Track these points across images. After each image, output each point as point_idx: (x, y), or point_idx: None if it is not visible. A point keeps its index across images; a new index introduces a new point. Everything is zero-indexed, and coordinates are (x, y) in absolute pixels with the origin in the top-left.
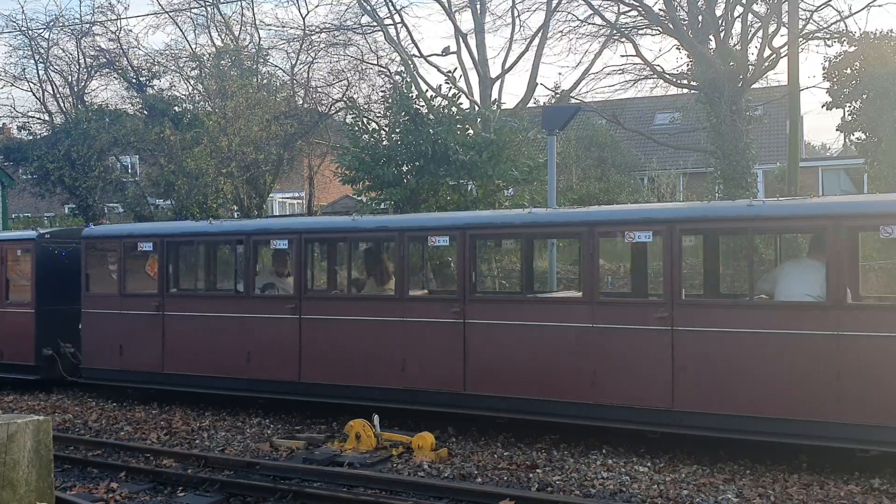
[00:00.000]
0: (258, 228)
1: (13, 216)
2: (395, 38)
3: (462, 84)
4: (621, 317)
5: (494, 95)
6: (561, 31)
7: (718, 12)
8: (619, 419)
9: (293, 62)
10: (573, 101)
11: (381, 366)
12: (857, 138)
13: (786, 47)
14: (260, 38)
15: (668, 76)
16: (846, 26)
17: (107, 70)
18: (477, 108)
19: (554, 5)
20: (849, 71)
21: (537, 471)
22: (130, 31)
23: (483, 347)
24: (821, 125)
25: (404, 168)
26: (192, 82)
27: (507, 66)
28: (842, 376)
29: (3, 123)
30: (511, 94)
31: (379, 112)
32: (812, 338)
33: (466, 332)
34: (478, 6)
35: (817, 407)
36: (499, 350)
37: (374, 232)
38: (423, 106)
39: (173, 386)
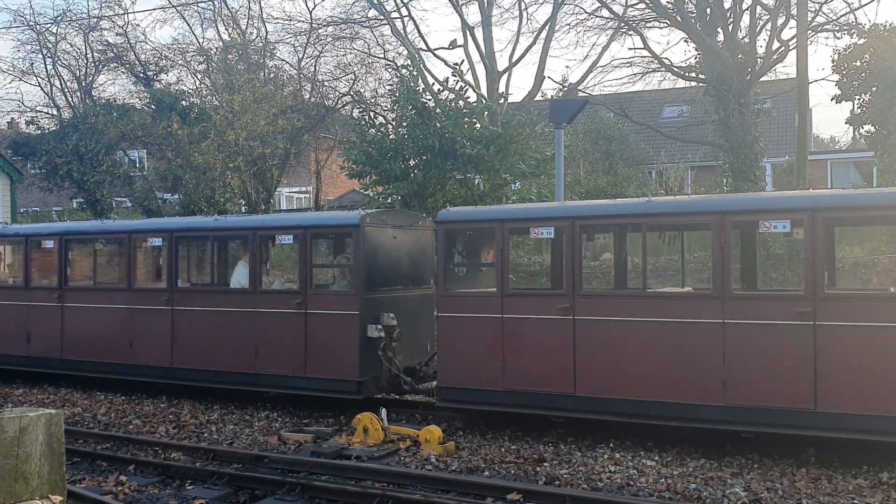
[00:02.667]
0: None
1: (22, 210)
2: (402, 31)
3: (469, 77)
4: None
5: (502, 89)
6: (568, 24)
7: (727, 5)
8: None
9: (300, 56)
10: (581, 94)
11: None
12: (866, 131)
13: (794, 40)
14: (267, 32)
15: (676, 69)
16: (855, 18)
17: (114, 64)
18: (484, 101)
19: None
20: (858, 63)
21: (545, 464)
22: (138, 25)
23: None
24: (830, 118)
25: (411, 162)
26: (199, 76)
27: (514, 59)
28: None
29: (12, 118)
30: (518, 87)
31: (386, 106)
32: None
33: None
34: None
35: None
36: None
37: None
38: (430, 100)
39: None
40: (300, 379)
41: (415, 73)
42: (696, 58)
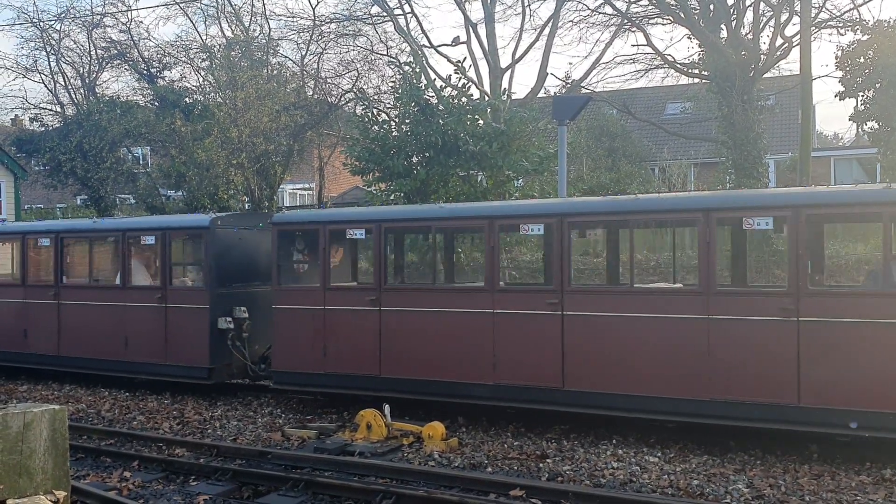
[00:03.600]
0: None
1: (26, 207)
2: (405, 28)
3: (472, 74)
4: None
5: (504, 85)
6: (571, 21)
7: (730, 1)
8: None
9: (303, 53)
10: (584, 90)
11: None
12: (869, 128)
13: (798, 36)
14: (270, 29)
15: (679, 66)
16: (859, 14)
17: (118, 61)
18: (487, 98)
19: None
20: (862, 60)
21: (547, 461)
22: (141, 22)
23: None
24: (833, 115)
25: (414, 159)
26: (202, 73)
27: (517, 55)
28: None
29: (16, 115)
30: (521, 84)
31: (389, 103)
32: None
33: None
34: None
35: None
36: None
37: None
38: (432, 96)
39: None
40: (161, 366)
41: (418, 69)
42: (699, 54)
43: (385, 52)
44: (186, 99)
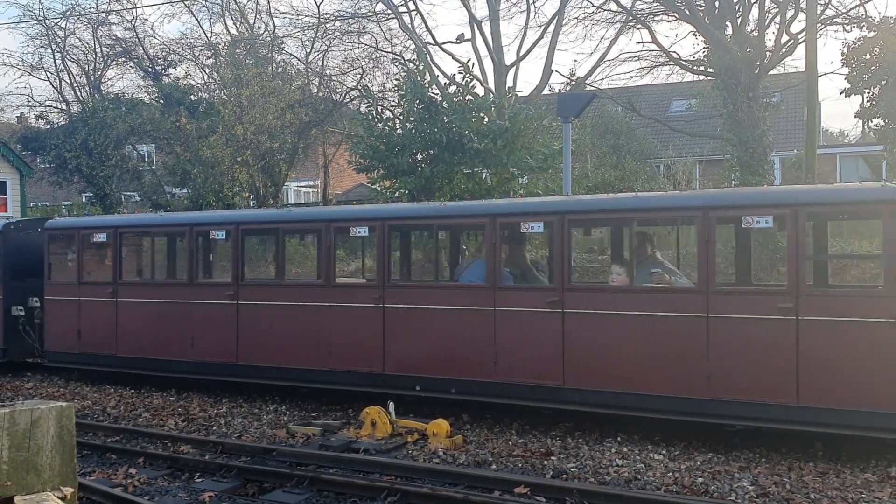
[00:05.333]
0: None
1: (31, 205)
2: (410, 25)
3: (476, 71)
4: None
5: (509, 83)
6: (576, 18)
7: None
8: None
9: (308, 50)
10: (588, 88)
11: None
12: (875, 125)
13: (803, 33)
14: (275, 27)
15: (684, 63)
16: (865, 11)
17: (123, 59)
18: (492, 95)
19: None
20: (868, 56)
21: (552, 458)
22: (146, 19)
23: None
24: (839, 112)
25: (419, 156)
26: (207, 71)
27: (521, 53)
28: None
29: (21, 113)
30: (526, 81)
31: (393, 100)
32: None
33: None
34: None
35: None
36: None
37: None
38: (437, 94)
39: None
40: None
41: (422, 67)
42: (704, 51)
43: (389, 50)
44: (191, 96)
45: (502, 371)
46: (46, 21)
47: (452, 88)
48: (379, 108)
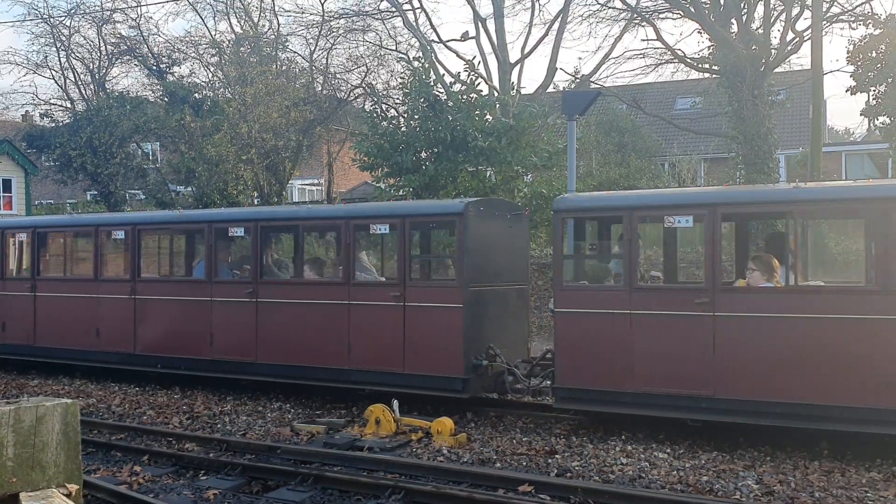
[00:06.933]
0: None
1: (36, 203)
2: (414, 23)
3: (481, 69)
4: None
5: (514, 81)
6: (581, 15)
7: None
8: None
9: (312, 48)
10: (593, 85)
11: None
12: (881, 123)
13: (809, 30)
14: (279, 25)
15: (689, 60)
16: (871, 8)
17: (127, 57)
18: (496, 93)
19: None
20: (874, 54)
21: (556, 456)
22: (150, 18)
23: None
24: (844, 109)
25: (423, 154)
26: (211, 69)
27: (526, 50)
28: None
29: (27, 111)
30: (530, 79)
31: (397, 98)
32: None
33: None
34: None
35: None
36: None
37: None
38: (441, 92)
39: None
40: None
41: (427, 65)
42: (709, 49)
43: (394, 48)
44: (196, 95)
45: (217, 350)
46: (51, 19)
47: (457, 86)
48: (383, 106)
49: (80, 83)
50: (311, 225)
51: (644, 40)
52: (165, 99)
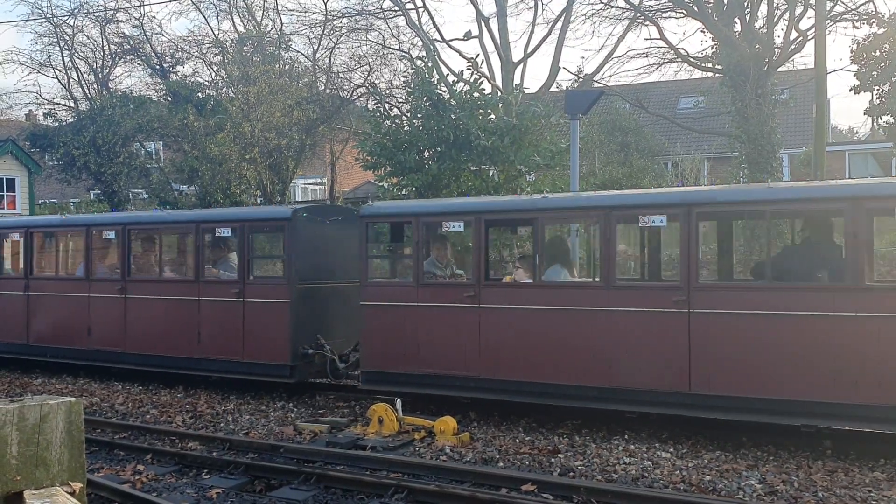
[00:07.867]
0: None
1: (40, 202)
2: (417, 22)
3: (484, 68)
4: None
5: (517, 80)
6: (584, 14)
7: None
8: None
9: (315, 48)
10: (596, 85)
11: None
12: (885, 122)
13: (813, 29)
14: (282, 24)
15: (692, 59)
16: (875, 7)
17: (131, 57)
18: (499, 92)
19: None
20: (877, 53)
21: (559, 456)
22: (154, 17)
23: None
24: (848, 108)
25: (426, 154)
26: (214, 68)
27: (529, 49)
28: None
29: (30, 110)
30: (533, 78)
31: (401, 97)
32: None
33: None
34: None
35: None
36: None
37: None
38: (444, 91)
39: None
40: None
41: (429, 64)
42: (712, 48)
43: (397, 47)
44: (199, 94)
45: (94, 341)
46: (55, 19)
47: (460, 85)
48: (386, 105)
49: (83, 82)
50: (168, 228)
51: (647, 39)
52: (169, 98)
